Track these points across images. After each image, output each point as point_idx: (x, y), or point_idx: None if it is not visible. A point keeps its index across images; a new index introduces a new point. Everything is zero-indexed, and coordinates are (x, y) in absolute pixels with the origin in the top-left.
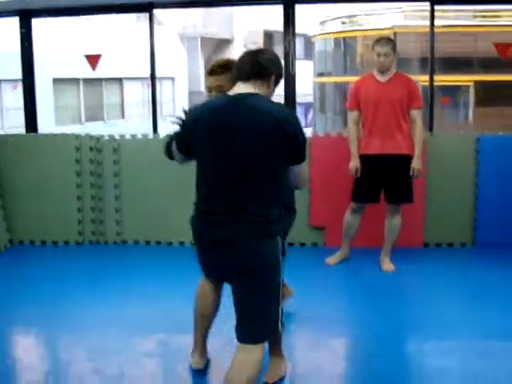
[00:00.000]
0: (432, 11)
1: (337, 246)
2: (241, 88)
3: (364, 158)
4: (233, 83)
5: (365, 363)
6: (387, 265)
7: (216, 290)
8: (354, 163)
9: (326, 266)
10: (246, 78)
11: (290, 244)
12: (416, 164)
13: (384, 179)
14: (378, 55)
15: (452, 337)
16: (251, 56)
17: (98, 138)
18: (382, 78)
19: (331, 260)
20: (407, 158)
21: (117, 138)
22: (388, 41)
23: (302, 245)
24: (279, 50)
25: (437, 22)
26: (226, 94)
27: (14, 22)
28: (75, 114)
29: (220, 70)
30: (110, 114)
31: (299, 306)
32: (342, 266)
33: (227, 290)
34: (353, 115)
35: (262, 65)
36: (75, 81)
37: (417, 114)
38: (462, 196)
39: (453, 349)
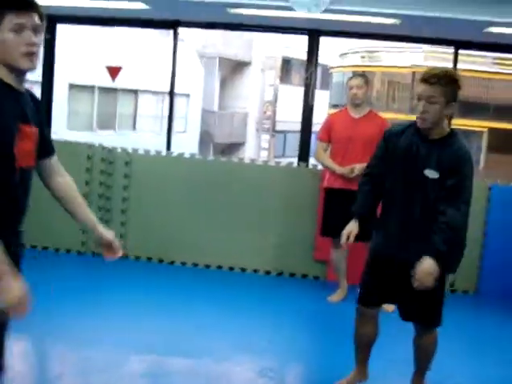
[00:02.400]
0: (456, 55)
1: (337, 281)
2: None
3: (329, 192)
4: None
5: None
6: (388, 306)
7: None
8: (343, 169)
9: (325, 302)
10: None
11: (292, 275)
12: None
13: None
14: (351, 88)
15: None
16: None
17: (111, 150)
18: (355, 114)
19: (333, 297)
20: None
21: (130, 151)
22: (361, 75)
23: (304, 277)
24: (296, 78)
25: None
26: None
27: None
28: (87, 120)
29: (434, 79)
30: (121, 124)
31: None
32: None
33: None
34: (323, 145)
35: None
36: (91, 88)
37: None
38: (468, 244)
39: None
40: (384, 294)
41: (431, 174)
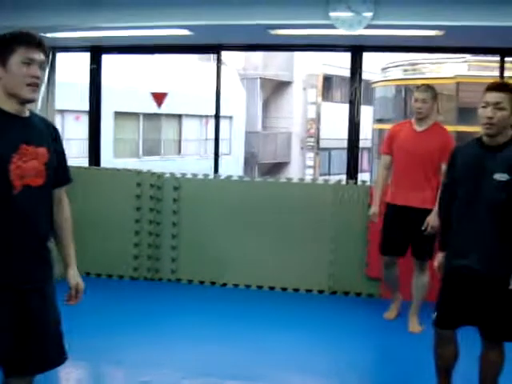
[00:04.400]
0: (502, 63)
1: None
2: None
3: (390, 207)
4: None
5: None
6: (414, 326)
7: None
8: (374, 209)
9: (381, 319)
10: None
11: (346, 293)
12: (432, 220)
13: (410, 233)
14: (416, 101)
15: None
16: None
17: (159, 176)
18: (418, 128)
19: (389, 314)
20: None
21: (178, 176)
22: (427, 88)
23: (358, 295)
24: (338, 95)
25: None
26: None
27: (75, 54)
28: (133, 147)
29: (502, 87)
30: (167, 149)
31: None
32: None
33: None
34: (385, 159)
35: None
36: (135, 115)
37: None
38: None
39: None
40: (462, 313)
41: (501, 177)
